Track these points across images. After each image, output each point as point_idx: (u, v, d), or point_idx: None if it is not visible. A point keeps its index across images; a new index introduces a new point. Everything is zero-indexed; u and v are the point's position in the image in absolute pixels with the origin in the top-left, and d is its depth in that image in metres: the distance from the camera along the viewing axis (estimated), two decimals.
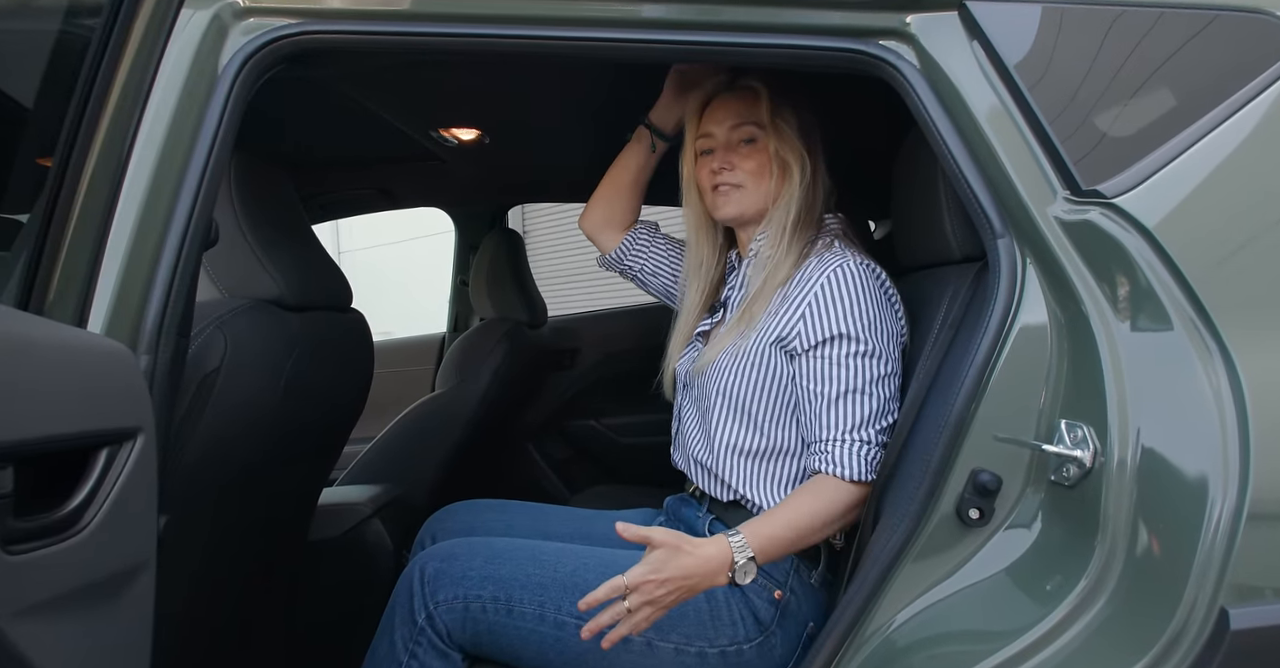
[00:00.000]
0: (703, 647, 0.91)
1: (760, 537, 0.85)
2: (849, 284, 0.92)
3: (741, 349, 0.98)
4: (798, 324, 0.93)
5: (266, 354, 1.00)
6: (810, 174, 1.01)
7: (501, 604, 0.92)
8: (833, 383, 0.91)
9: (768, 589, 0.92)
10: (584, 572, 0.94)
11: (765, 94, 1.00)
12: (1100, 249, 0.67)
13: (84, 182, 0.66)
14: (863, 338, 0.90)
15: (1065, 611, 0.61)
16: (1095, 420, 0.64)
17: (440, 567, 0.96)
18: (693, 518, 1.03)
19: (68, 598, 0.49)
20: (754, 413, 0.97)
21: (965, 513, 0.72)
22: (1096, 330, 0.65)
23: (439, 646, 0.94)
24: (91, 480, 0.52)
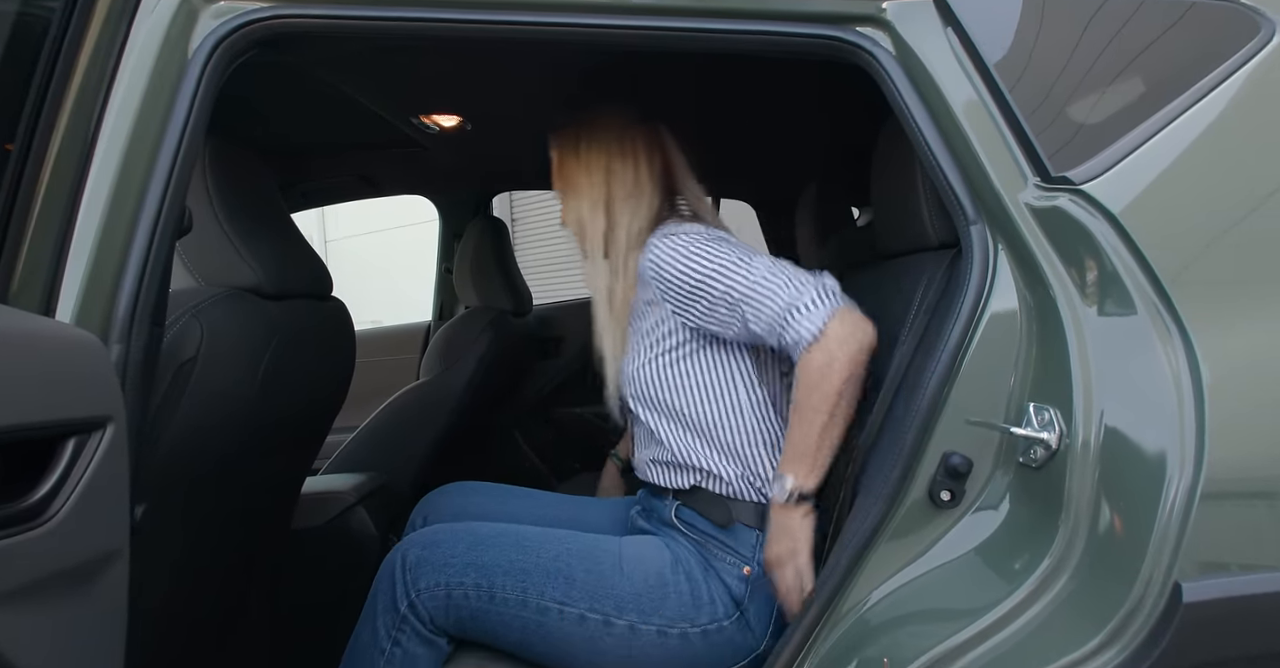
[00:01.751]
0: (684, 628, 0.93)
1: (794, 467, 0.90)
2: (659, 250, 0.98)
3: (632, 348, 1.06)
4: (662, 303, 1.00)
5: (244, 343, 0.99)
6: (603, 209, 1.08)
7: (484, 591, 0.93)
8: (734, 310, 0.94)
9: (737, 566, 0.96)
10: (567, 557, 0.96)
11: (555, 158, 1.12)
12: (1069, 235, 0.68)
13: (46, 169, 0.65)
14: (702, 269, 0.95)
15: (1030, 588, 0.62)
16: (1061, 403, 0.65)
17: (422, 554, 0.97)
18: (660, 508, 1.06)
19: (36, 588, 0.49)
20: (670, 402, 1.02)
21: (937, 495, 0.74)
22: (1064, 315, 0.67)
23: (422, 633, 0.95)
24: (59, 470, 0.51)
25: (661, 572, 0.95)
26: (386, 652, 0.95)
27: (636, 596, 0.93)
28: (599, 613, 0.92)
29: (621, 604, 0.93)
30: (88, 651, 0.55)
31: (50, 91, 0.65)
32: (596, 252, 1.08)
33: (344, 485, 1.54)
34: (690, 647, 0.93)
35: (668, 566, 0.96)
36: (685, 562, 0.97)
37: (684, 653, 0.93)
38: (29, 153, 0.64)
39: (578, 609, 0.93)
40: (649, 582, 0.95)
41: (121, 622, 0.60)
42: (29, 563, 0.48)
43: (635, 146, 1.10)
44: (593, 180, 1.09)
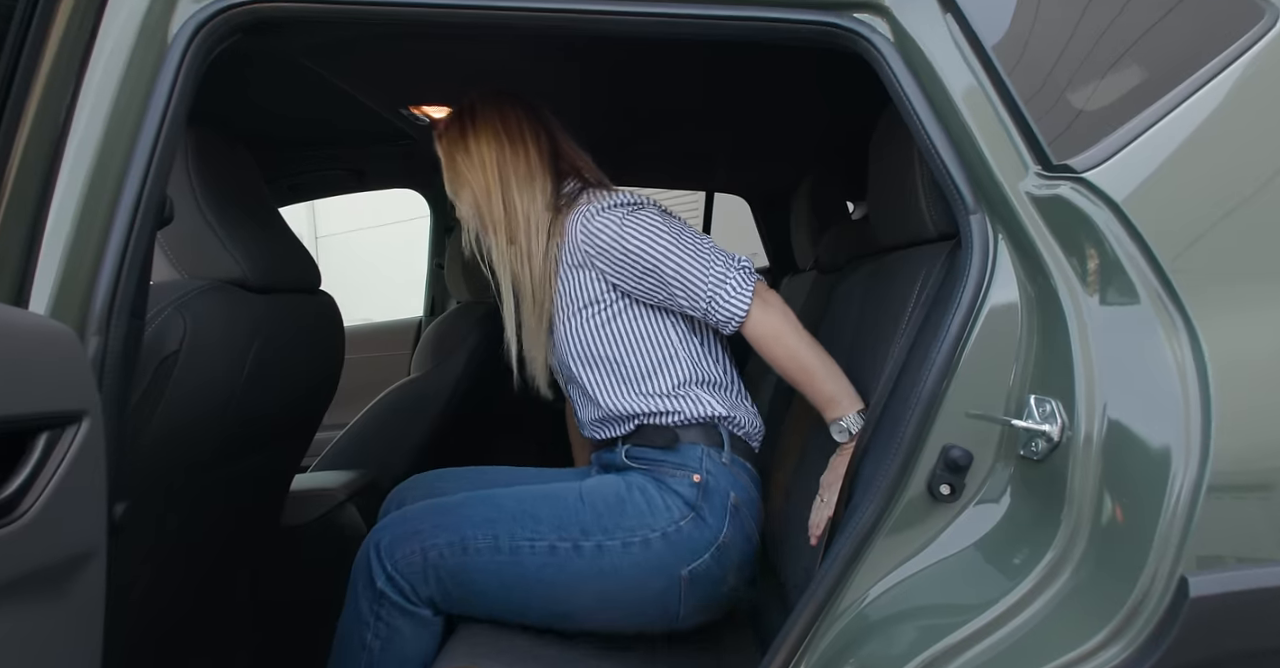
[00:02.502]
0: (645, 534, 1.00)
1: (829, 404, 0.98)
2: (594, 225, 1.03)
3: (564, 319, 1.10)
4: (597, 270, 1.05)
5: (228, 337, 0.97)
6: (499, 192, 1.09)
7: (456, 546, 0.98)
8: (662, 283, 1.02)
9: (687, 476, 1.04)
10: (529, 501, 1.03)
11: (442, 153, 1.13)
12: (1070, 224, 0.66)
13: (15, 156, 0.63)
14: (638, 245, 1.01)
15: (1032, 582, 0.61)
16: (1063, 395, 0.64)
17: (394, 534, 1.02)
18: (612, 457, 1.12)
19: (6, 589, 0.47)
20: (596, 345, 1.08)
21: (936, 489, 0.72)
22: (1066, 305, 0.65)
23: (403, 606, 0.99)
24: (29, 466, 0.49)
25: (618, 493, 1.03)
26: (370, 627, 0.98)
27: (598, 517, 1.00)
28: (567, 540, 0.99)
29: (586, 528, 1.00)
30: (61, 654, 0.53)
31: (18, 75, 0.63)
32: (500, 240, 1.10)
33: (333, 483, 1.52)
34: (653, 550, 0.99)
35: (621, 487, 1.04)
36: (639, 483, 1.04)
37: (650, 557, 0.99)
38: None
39: (547, 541, 0.98)
40: (608, 503, 1.02)
41: (97, 625, 0.58)
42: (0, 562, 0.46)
43: (522, 132, 1.11)
44: (486, 172, 1.10)
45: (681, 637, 1.15)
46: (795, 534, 1.12)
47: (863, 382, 1.03)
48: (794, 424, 1.30)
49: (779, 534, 1.20)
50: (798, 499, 1.15)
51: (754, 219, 2.54)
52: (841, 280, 1.35)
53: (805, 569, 1.02)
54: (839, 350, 1.19)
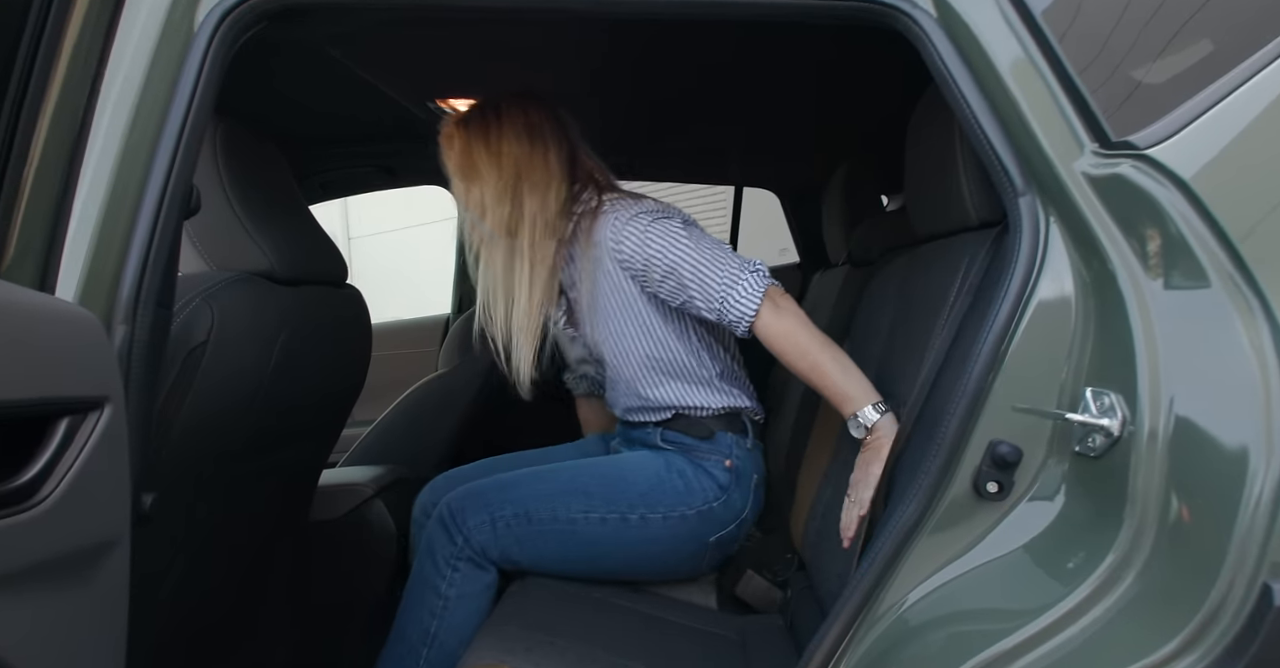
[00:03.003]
0: (683, 511, 1.16)
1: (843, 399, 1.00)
2: (622, 225, 1.11)
3: (595, 317, 1.19)
4: (626, 275, 1.14)
5: (256, 328, 0.97)
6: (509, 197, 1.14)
7: (521, 517, 1.13)
8: (681, 283, 1.09)
9: (720, 461, 1.19)
10: (580, 478, 1.18)
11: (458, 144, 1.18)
12: (1131, 204, 0.62)
13: (36, 146, 0.63)
14: (665, 240, 1.09)
15: (1091, 587, 0.57)
16: (1124, 387, 0.60)
17: (462, 502, 1.15)
18: (645, 436, 1.25)
19: (25, 576, 0.46)
20: (648, 343, 1.18)
21: (983, 486, 0.68)
22: (1125, 290, 0.61)
23: (476, 560, 1.13)
24: (49, 451, 0.49)
25: (658, 473, 1.18)
26: (446, 578, 1.12)
27: (641, 495, 1.15)
28: (616, 513, 1.14)
29: (632, 503, 1.15)
30: (84, 644, 0.52)
31: (38, 61, 0.63)
32: (499, 233, 1.16)
33: (362, 478, 1.52)
34: (688, 523, 1.16)
35: (661, 468, 1.18)
36: (675, 463, 1.19)
37: (685, 528, 1.17)
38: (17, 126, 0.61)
39: (599, 514, 1.14)
40: (650, 482, 1.17)
41: (121, 614, 0.58)
42: (16, 549, 0.45)
43: (544, 135, 1.17)
44: (502, 169, 1.14)
45: (713, 640, 1.12)
46: (828, 539, 1.09)
47: (900, 376, 0.99)
48: (822, 429, 1.27)
49: (812, 539, 1.16)
50: (829, 503, 1.12)
51: (784, 214, 2.50)
52: (876, 273, 1.31)
53: (839, 575, 0.99)
54: (874, 345, 1.15)
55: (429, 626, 1.11)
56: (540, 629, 1.03)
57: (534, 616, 1.07)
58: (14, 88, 0.61)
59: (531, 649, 0.97)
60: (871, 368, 1.14)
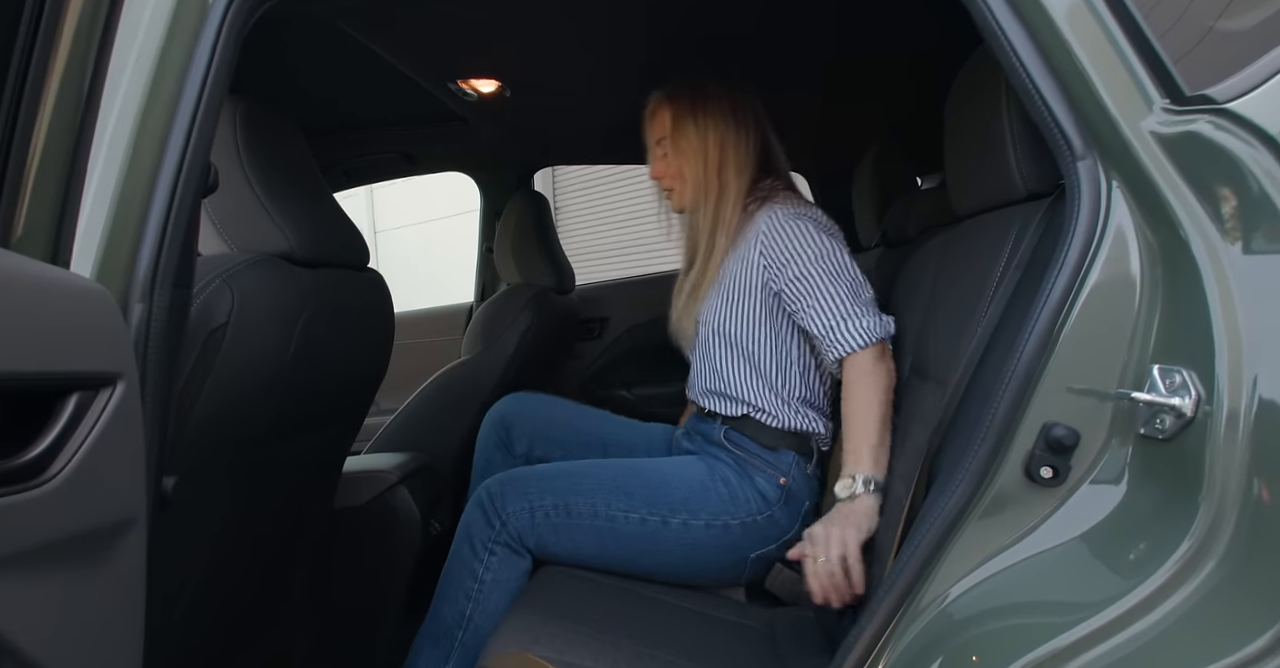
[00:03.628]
0: (726, 520, 1.14)
1: (859, 459, 1.01)
2: (780, 222, 1.14)
3: (718, 296, 1.21)
4: (762, 260, 1.16)
5: (277, 310, 0.95)
6: (715, 170, 1.21)
7: (561, 509, 1.13)
8: (803, 295, 1.12)
9: (775, 477, 1.17)
10: (623, 477, 1.18)
11: (669, 117, 1.22)
12: (1207, 164, 0.57)
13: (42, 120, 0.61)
14: (808, 253, 1.12)
15: (1165, 576, 0.52)
16: (1198, 363, 0.55)
17: (502, 488, 1.16)
18: (709, 430, 1.25)
19: (34, 555, 0.44)
20: (746, 343, 1.20)
21: (1036, 472, 0.64)
22: (1200, 257, 0.56)
23: (513, 546, 1.14)
24: (59, 426, 0.47)
25: (701, 480, 1.17)
26: (484, 561, 1.13)
27: (685, 499, 1.14)
28: (657, 515, 1.13)
29: (674, 507, 1.14)
30: (99, 627, 0.51)
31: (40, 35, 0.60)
32: (700, 207, 1.22)
33: (386, 465, 1.51)
34: (731, 534, 1.14)
35: (705, 475, 1.17)
36: (720, 472, 1.18)
37: (727, 538, 1.14)
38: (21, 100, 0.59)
39: (639, 514, 1.13)
40: (692, 488, 1.16)
41: (139, 597, 0.56)
42: (23, 527, 0.44)
43: (747, 120, 1.22)
44: (707, 145, 1.20)
45: (741, 631, 1.09)
46: None
47: (938, 359, 0.94)
48: None
49: None
50: None
51: (812, 196, 2.44)
52: (912, 253, 1.26)
53: (872, 574, 0.95)
54: (909, 328, 1.11)
55: (464, 608, 1.12)
56: (565, 618, 1.00)
57: (559, 604, 1.05)
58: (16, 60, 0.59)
59: (556, 637, 0.95)
60: (906, 352, 1.10)
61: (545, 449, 1.39)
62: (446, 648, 1.11)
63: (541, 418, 1.41)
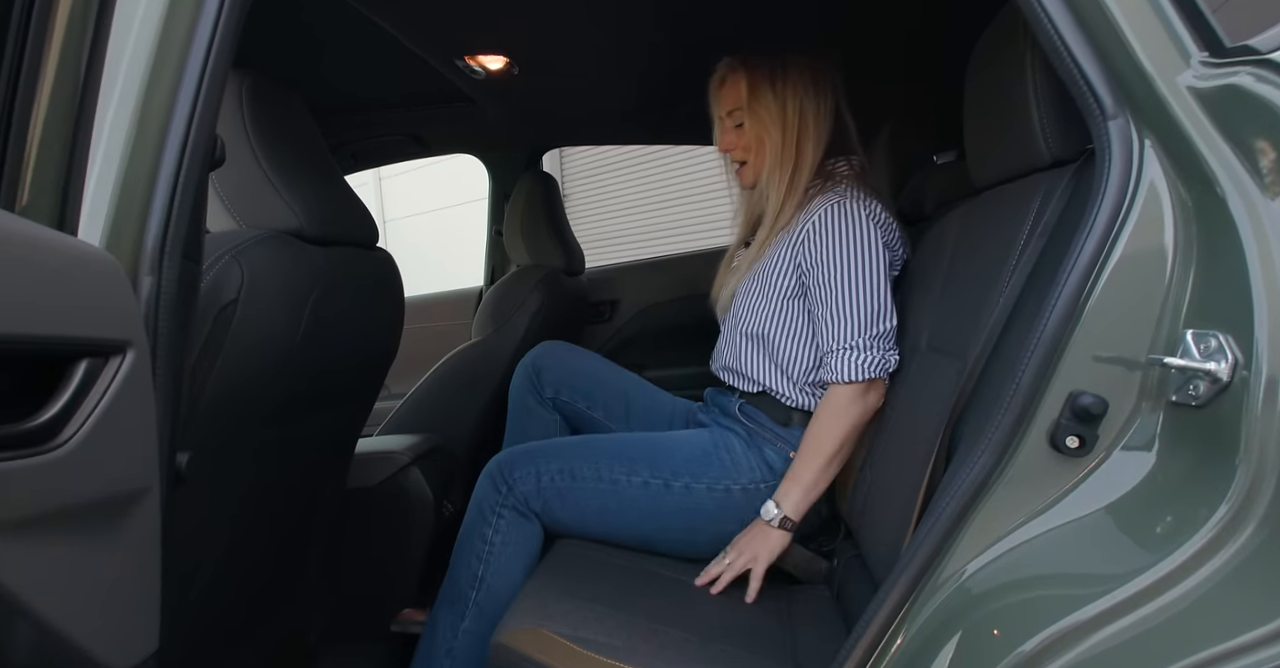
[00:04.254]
0: (728, 484, 1.16)
1: (787, 494, 1.09)
2: (834, 218, 1.11)
3: (752, 277, 1.22)
4: (798, 256, 1.15)
5: (287, 287, 0.94)
6: (794, 141, 1.17)
7: (566, 473, 1.16)
8: (822, 305, 1.12)
9: (785, 450, 1.18)
10: (628, 444, 1.21)
11: (744, 84, 1.18)
12: (1247, 117, 0.54)
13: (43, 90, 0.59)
14: (843, 264, 1.10)
15: (1201, 542, 0.51)
16: (1235, 326, 0.53)
17: (511, 458, 1.19)
18: (726, 403, 1.28)
19: (48, 519, 0.44)
20: (769, 324, 1.20)
21: (1062, 441, 0.62)
22: (1238, 215, 0.54)
23: (520, 509, 1.16)
24: (68, 392, 0.46)
25: (705, 447, 1.19)
26: (492, 524, 1.16)
27: (687, 463, 1.16)
28: (659, 478, 1.15)
29: (676, 470, 1.16)
30: (113, 594, 0.51)
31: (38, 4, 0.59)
32: (775, 179, 1.18)
33: (398, 446, 1.51)
34: (733, 499, 1.15)
35: (710, 444, 1.20)
36: (726, 441, 1.20)
37: (729, 503, 1.15)
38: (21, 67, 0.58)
39: (642, 477, 1.15)
40: (695, 454, 1.18)
41: (155, 567, 0.56)
42: (37, 491, 0.43)
43: (826, 91, 1.18)
44: (786, 114, 1.17)
45: (756, 610, 1.09)
46: (877, 506, 1.04)
47: (957, 331, 0.92)
48: None
49: (859, 507, 1.11)
50: (879, 470, 1.06)
51: None
52: (929, 227, 1.23)
53: (890, 544, 0.94)
54: (927, 300, 1.09)
55: (477, 570, 1.15)
56: (579, 596, 1.00)
57: (573, 582, 1.05)
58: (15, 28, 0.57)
59: (570, 614, 0.95)
60: (924, 325, 1.08)
61: (570, 396, 1.42)
62: (461, 608, 1.14)
63: (569, 367, 1.44)
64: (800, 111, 1.17)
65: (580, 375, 1.44)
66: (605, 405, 1.42)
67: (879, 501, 1.03)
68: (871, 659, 0.72)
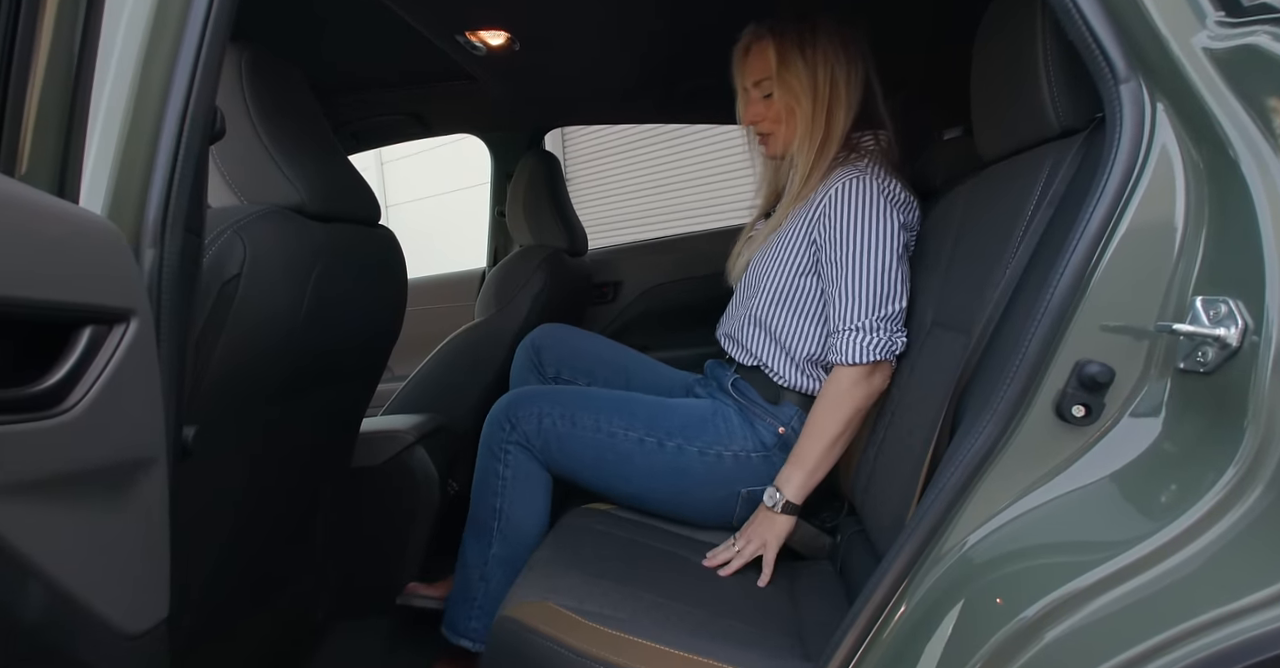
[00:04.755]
0: (720, 450, 1.17)
1: (789, 478, 1.10)
2: (851, 194, 1.09)
3: (768, 247, 1.21)
4: (814, 230, 1.14)
5: (290, 262, 0.94)
6: (824, 114, 1.15)
7: (566, 419, 1.18)
8: (832, 283, 1.11)
9: (774, 426, 1.19)
10: (628, 402, 1.22)
11: (772, 52, 1.14)
12: (1264, 78, 0.53)
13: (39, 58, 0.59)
14: (856, 242, 1.08)
15: (1208, 505, 0.50)
16: (1246, 290, 0.52)
17: (516, 399, 1.22)
18: (722, 376, 1.29)
19: (56, 483, 0.44)
20: (776, 298, 1.20)
21: (1068, 410, 0.62)
22: (1250, 178, 0.53)
23: (523, 444, 1.20)
24: (74, 358, 0.46)
25: (702, 414, 1.21)
26: (502, 460, 1.20)
27: (683, 426, 1.18)
28: (654, 437, 1.17)
29: (671, 431, 1.17)
30: (125, 563, 0.51)
31: None
32: (804, 148, 1.15)
33: (403, 425, 1.51)
34: (723, 465, 1.17)
35: (708, 412, 1.21)
36: (723, 412, 1.21)
37: (719, 469, 1.17)
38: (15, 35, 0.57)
39: (638, 434, 1.17)
40: (691, 419, 1.20)
41: (163, 538, 0.56)
42: (46, 455, 0.43)
43: (855, 60, 1.15)
44: (817, 82, 1.13)
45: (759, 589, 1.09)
46: (881, 481, 1.04)
47: (964, 305, 0.92)
48: None
49: (863, 482, 1.11)
50: (885, 446, 1.06)
51: None
52: (936, 202, 1.22)
53: (892, 516, 0.94)
54: (933, 274, 1.08)
55: (494, 503, 1.19)
56: (585, 571, 1.01)
57: (579, 557, 1.06)
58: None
59: (575, 588, 0.96)
60: (929, 302, 1.07)
61: (572, 374, 1.44)
62: (487, 538, 1.20)
63: (569, 346, 1.45)
64: (831, 79, 1.13)
65: (581, 354, 1.44)
66: (606, 382, 1.43)
67: (883, 475, 1.03)
68: (874, 629, 0.73)
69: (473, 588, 1.19)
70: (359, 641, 1.41)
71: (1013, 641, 0.58)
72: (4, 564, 0.39)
